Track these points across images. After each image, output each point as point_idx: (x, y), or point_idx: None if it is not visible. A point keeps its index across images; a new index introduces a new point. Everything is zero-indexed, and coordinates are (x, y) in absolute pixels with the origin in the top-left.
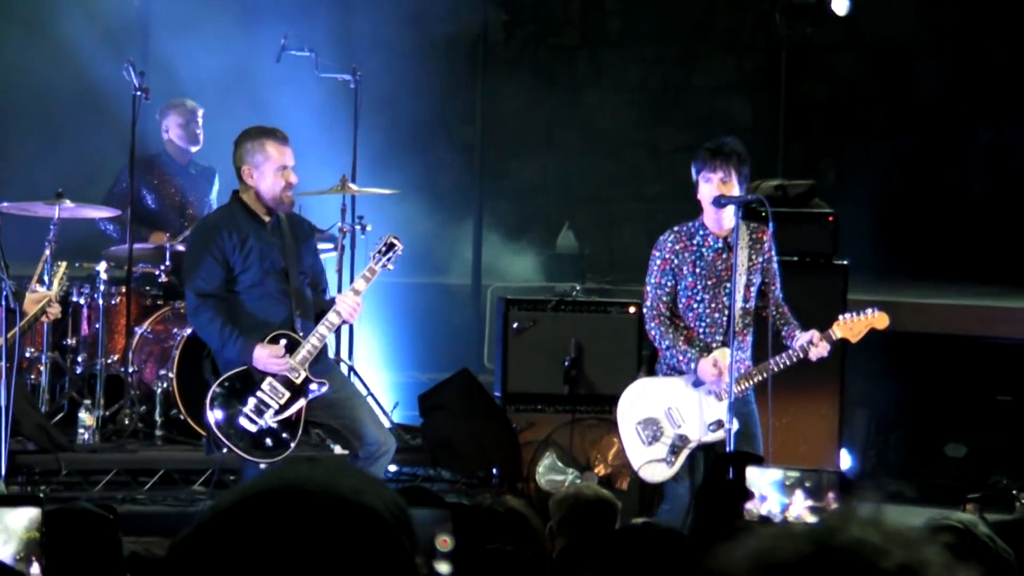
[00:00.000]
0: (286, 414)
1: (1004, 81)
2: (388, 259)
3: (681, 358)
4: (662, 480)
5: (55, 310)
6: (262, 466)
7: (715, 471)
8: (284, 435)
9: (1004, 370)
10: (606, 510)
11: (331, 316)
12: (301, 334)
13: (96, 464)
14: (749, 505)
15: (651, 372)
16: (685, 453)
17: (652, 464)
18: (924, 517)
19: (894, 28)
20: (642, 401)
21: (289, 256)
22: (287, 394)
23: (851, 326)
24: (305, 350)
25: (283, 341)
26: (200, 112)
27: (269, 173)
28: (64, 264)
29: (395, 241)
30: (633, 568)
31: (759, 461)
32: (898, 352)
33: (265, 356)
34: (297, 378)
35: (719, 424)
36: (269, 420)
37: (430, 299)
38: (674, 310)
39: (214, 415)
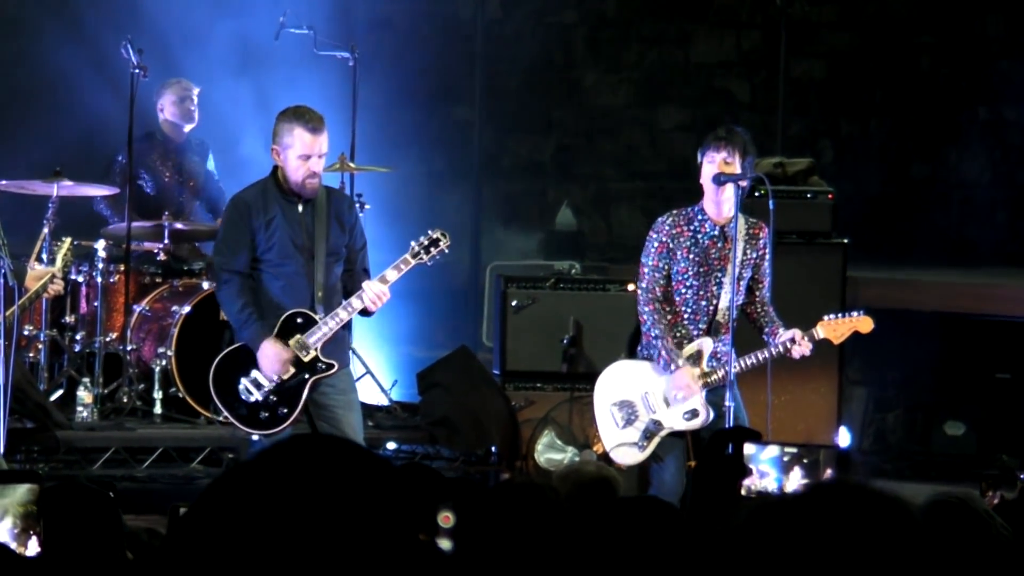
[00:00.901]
0: (287, 389)
1: (1004, 60)
2: (428, 253)
3: (665, 355)
4: (632, 463)
5: (57, 286)
6: (255, 437)
7: (713, 446)
8: (282, 409)
9: (1003, 348)
10: (607, 488)
11: (354, 300)
12: (320, 315)
13: (95, 442)
14: (747, 481)
15: (632, 354)
16: (657, 440)
17: (624, 448)
18: (923, 494)
19: (893, 5)
20: (620, 383)
21: (318, 236)
22: (292, 370)
23: (834, 327)
24: (320, 331)
25: (299, 321)
26: (196, 91)
27: (292, 158)
28: (68, 240)
29: (441, 238)
30: (630, 540)
31: (757, 437)
32: (897, 330)
33: (270, 354)
34: (306, 356)
35: (694, 413)
36: (269, 392)
37: (428, 276)
38: (665, 294)
39: (217, 383)
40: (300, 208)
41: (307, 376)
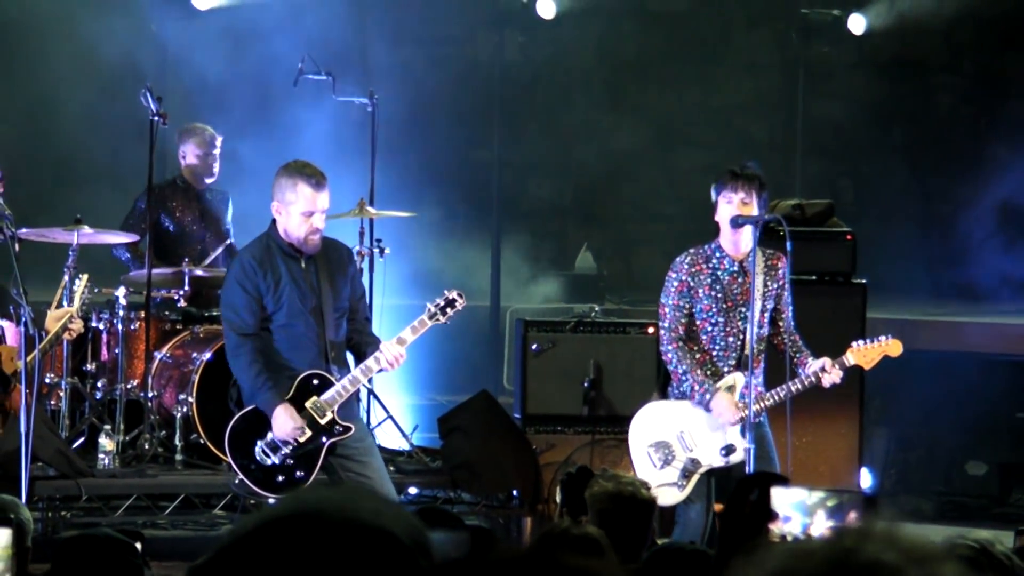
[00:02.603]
0: (304, 452)
1: (1022, 98)
2: (445, 314)
3: (697, 388)
4: (673, 503)
5: (77, 326)
6: (271, 502)
7: (739, 492)
8: (299, 473)
9: None
10: (643, 508)
11: (370, 362)
12: (336, 376)
13: (117, 489)
14: (771, 525)
15: (663, 395)
16: (696, 477)
17: (664, 488)
18: (945, 535)
19: (911, 46)
20: (654, 424)
21: (324, 293)
22: (309, 433)
23: (864, 353)
24: (335, 391)
25: (315, 382)
26: (218, 141)
27: (295, 215)
28: (86, 276)
29: (457, 298)
30: None
31: (784, 482)
32: (918, 370)
33: (284, 422)
34: (322, 418)
35: (731, 449)
36: (286, 456)
37: (449, 321)
38: (689, 332)
39: (232, 445)
40: (303, 264)
41: (324, 439)
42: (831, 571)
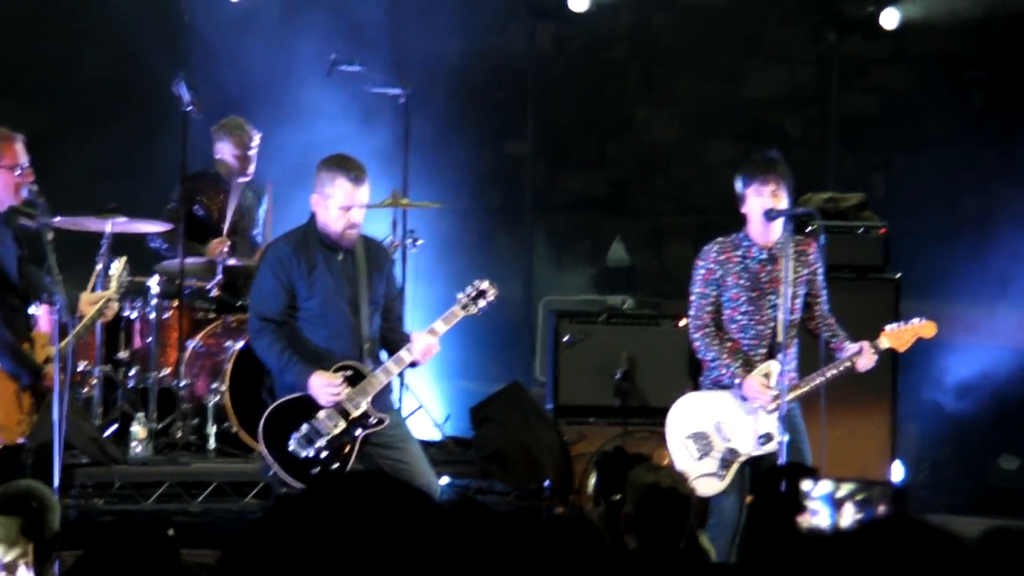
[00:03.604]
0: (338, 444)
1: None
2: (476, 304)
3: (725, 371)
4: (713, 494)
5: (113, 309)
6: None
7: (767, 484)
8: (334, 465)
9: None
10: (680, 502)
11: (403, 354)
12: (370, 368)
13: (149, 477)
14: (799, 518)
15: (696, 386)
16: (735, 467)
17: (703, 479)
18: (978, 529)
19: (945, 39)
20: (690, 416)
21: (360, 286)
22: (343, 424)
23: (899, 335)
24: (369, 383)
25: (348, 372)
26: (255, 140)
27: (333, 208)
28: (124, 259)
29: (488, 288)
30: None
31: (812, 473)
32: (951, 364)
33: (321, 385)
34: (355, 409)
35: (768, 437)
36: (320, 448)
37: (481, 312)
38: (718, 322)
39: (266, 436)
40: (340, 257)
41: (358, 432)
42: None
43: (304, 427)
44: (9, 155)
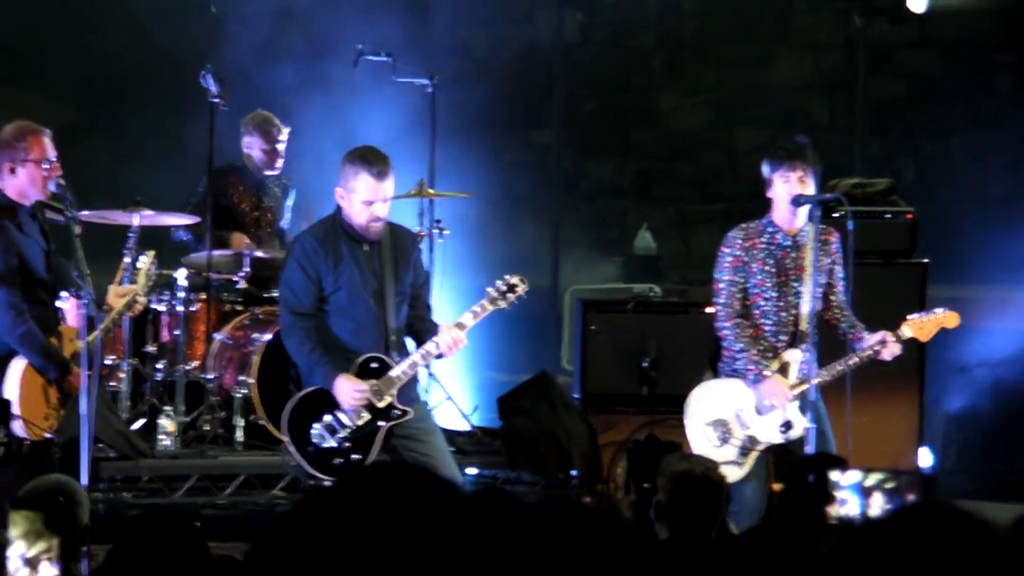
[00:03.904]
0: (361, 436)
1: None
2: (506, 299)
3: (751, 367)
4: (732, 482)
5: (141, 302)
6: (327, 484)
7: (797, 474)
8: (356, 456)
9: None
10: (714, 488)
11: (429, 346)
12: (396, 360)
13: (177, 470)
14: (829, 508)
15: (715, 372)
16: (755, 454)
17: (723, 466)
18: (1007, 514)
19: (972, 24)
20: (709, 403)
21: (387, 277)
22: (367, 416)
23: (921, 325)
24: (395, 375)
25: (374, 365)
26: (284, 135)
27: (356, 203)
28: (152, 253)
29: (519, 283)
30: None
31: (842, 464)
32: (978, 349)
33: (347, 389)
34: (380, 402)
35: (789, 425)
36: (343, 439)
37: (511, 306)
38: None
39: (290, 427)
40: (366, 248)
41: (382, 423)
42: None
43: (327, 418)
44: (37, 149)
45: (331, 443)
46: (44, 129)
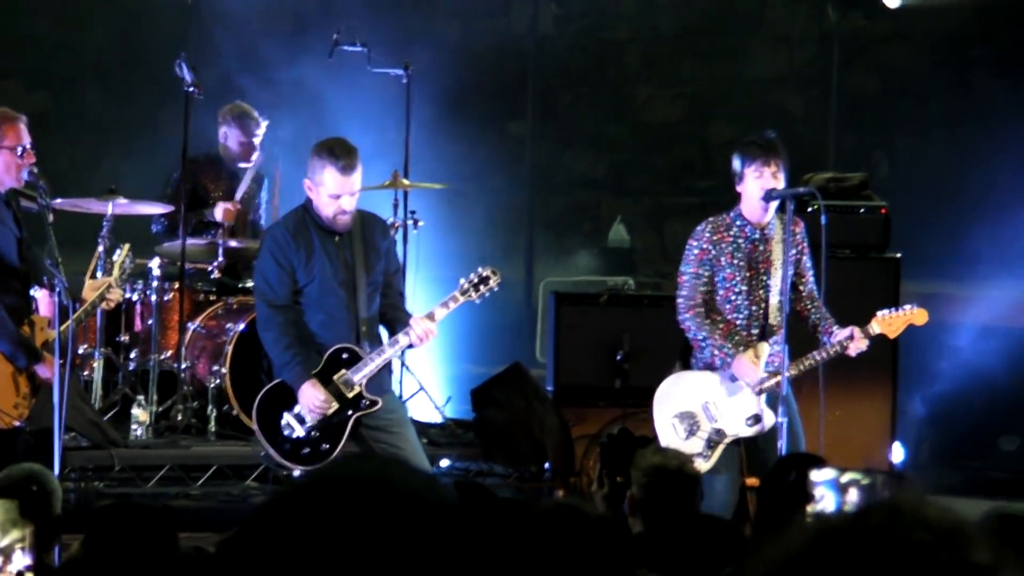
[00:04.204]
0: (330, 425)
1: None
2: (478, 291)
3: (716, 352)
4: (699, 473)
5: (115, 295)
6: (296, 473)
7: (777, 473)
8: (324, 446)
9: None
10: (688, 482)
11: (400, 337)
12: (366, 351)
13: (149, 460)
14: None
15: (686, 365)
16: (722, 447)
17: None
18: (978, 510)
19: (947, 19)
20: (678, 395)
21: (358, 268)
22: (335, 405)
23: (889, 322)
24: (365, 367)
25: (344, 356)
26: (262, 128)
27: (323, 196)
28: (127, 246)
29: (491, 275)
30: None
31: (820, 463)
32: (951, 344)
33: (310, 396)
34: (349, 392)
35: (756, 419)
36: (311, 429)
37: (481, 299)
38: (710, 303)
39: (259, 416)
40: (337, 239)
41: (350, 412)
42: (858, 550)
43: (297, 407)
44: (12, 136)
45: (300, 433)
46: (20, 115)
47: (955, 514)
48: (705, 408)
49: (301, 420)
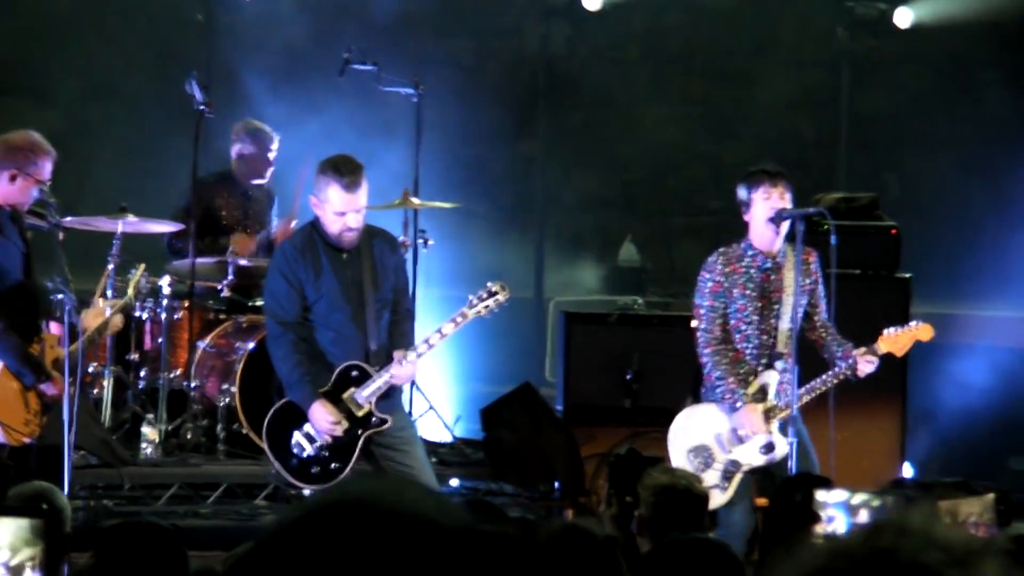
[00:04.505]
0: (340, 444)
1: None
2: (486, 306)
3: (728, 396)
4: (717, 507)
5: (117, 322)
6: (306, 492)
7: (783, 494)
8: (334, 464)
9: None
10: (696, 502)
11: (392, 369)
12: (375, 368)
13: (159, 478)
14: (815, 527)
15: (696, 398)
16: (738, 477)
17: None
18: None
19: (957, 39)
20: (691, 428)
21: (366, 285)
22: (345, 424)
23: (895, 339)
24: (375, 385)
25: (354, 374)
26: (275, 143)
27: (329, 213)
28: (142, 266)
29: (499, 290)
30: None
31: (827, 484)
32: (961, 364)
33: (320, 416)
34: (359, 410)
35: (770, 447)
36: (321, 447)
37: (490, 314)
38: (724, 334)
39: (270, 435)
40: (345, 256)
41: (360, 431)
42: (868, 571)
43: (307, 425)
44: (41, 169)
45: (310, 451)
46: (52, 151)
47: (965, 534)
48: (718, 439)
49: (311, 439)
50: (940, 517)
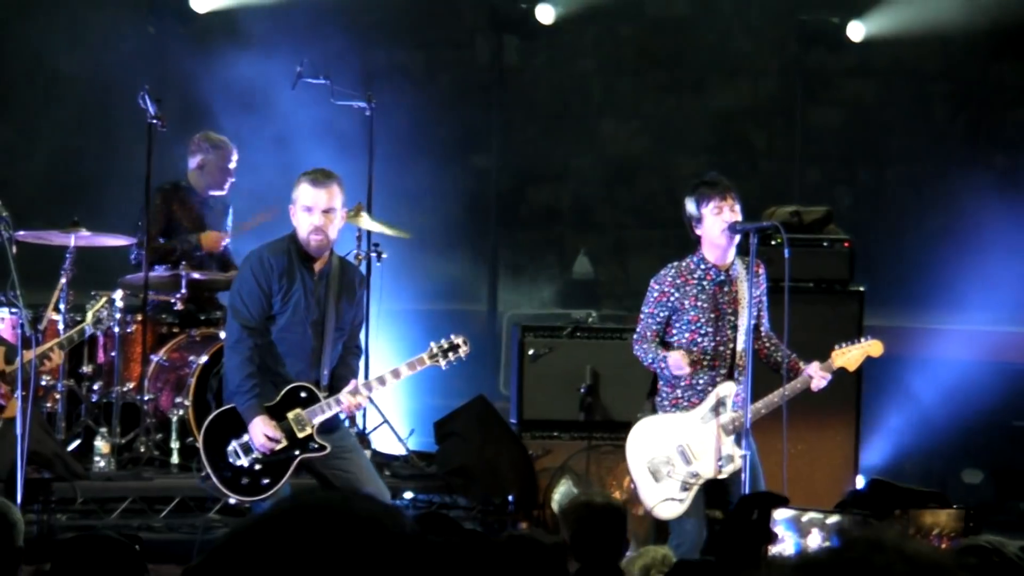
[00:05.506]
0: (275, 460)
1: (1020, 108)
2: (446, 357)
3: (663, 364)
4: (673, 517)
5: (56, 357)
6: (231, 501)
7: (740, 511)
8: (264, 480)
9: (1021, 396)
10: (615, 516)
11: (340, 397)
12: (324, 394)
13: (112, 492)
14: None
15: (654, 408)
16: (695, 490)
17: (666, 503)
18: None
19: (908, 53)
20: (652, 439)
21: (328, 309)
22: (283, 442)
23: (845, 354)
24: (321, 411)
25: (303, 395)
26: (235, 156)
27: (298, 211)
28: (105, 297)
29: (461, 344)
30: None
31: (784, 502)
32: (914, 378)
33: (260, 432)
34: (301, 431)
35: (729, 459)
36: (256, 460)
37: (446, 325)
38: (669, 344)
39: (207, 438)
40: (317, 276)
41: (297, 453)
42: None
43: (245, 436)
44: None
45: (243, 462)
46: None
47: (935, 549)
48: (681, 451)
49: (248, 450)
50: (909, 532)
